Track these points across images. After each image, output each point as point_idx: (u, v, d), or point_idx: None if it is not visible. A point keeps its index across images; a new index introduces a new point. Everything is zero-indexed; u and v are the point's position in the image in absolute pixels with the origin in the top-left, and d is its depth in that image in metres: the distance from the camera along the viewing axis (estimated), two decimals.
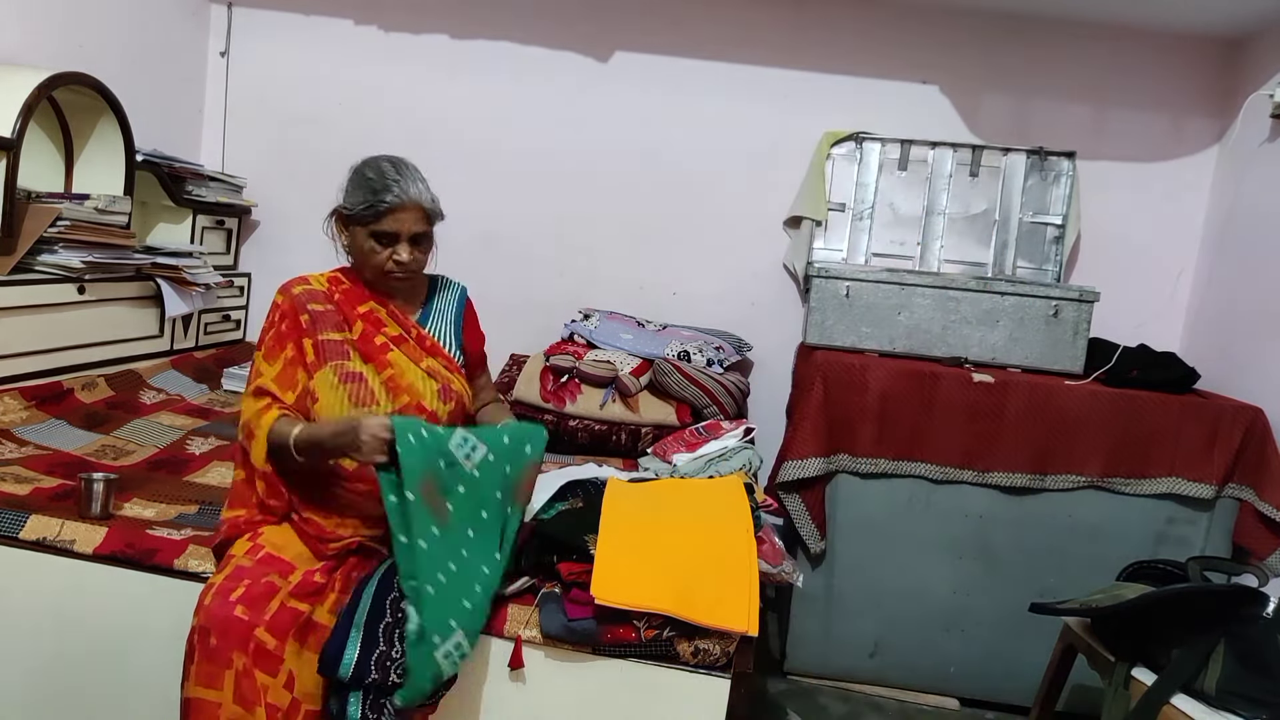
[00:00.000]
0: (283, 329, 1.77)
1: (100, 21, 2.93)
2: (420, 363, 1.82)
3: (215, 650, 1.45)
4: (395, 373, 1.77)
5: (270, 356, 1.75)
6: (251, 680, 1.45)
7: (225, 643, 1.45)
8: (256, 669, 1.46)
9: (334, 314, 1.80)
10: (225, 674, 1.45)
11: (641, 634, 1.65)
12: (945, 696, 2.74)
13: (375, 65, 3.44)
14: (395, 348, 1.80)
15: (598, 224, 3.41)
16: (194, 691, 1.46)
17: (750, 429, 2.57)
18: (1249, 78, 3.02)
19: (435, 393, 1.81)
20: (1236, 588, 1.89)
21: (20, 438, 2.23)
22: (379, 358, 1.78)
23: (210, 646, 1.46)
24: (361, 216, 1.75)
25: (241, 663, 1.45)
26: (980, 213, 3.18)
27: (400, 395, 1.76)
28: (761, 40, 3.30)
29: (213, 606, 1.49)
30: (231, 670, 1.45)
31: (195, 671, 1.46)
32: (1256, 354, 2.77)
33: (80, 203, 2.55)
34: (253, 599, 1.51)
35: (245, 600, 1.50)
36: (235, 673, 1.45)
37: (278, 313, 1.79)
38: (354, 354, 1.78)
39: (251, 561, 1.59)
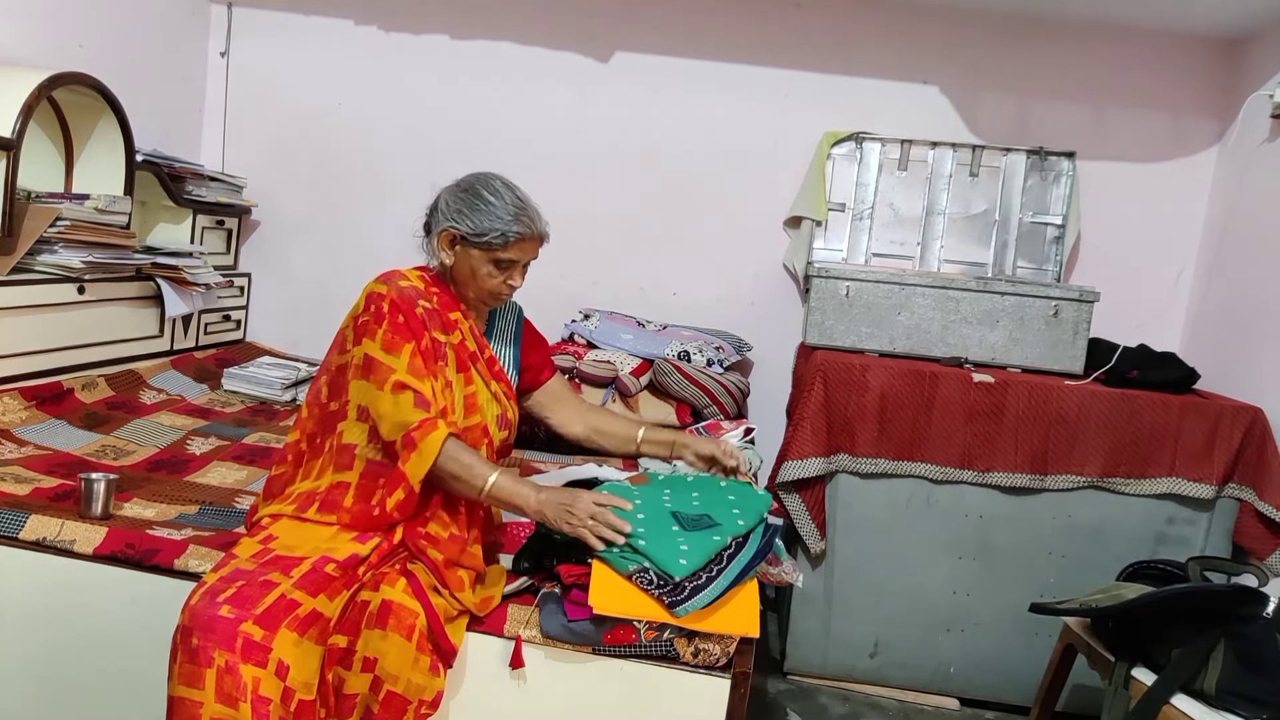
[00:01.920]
0: (399, 320, 1.68)
1: (100, 21, 2.93)
2: (489, 384, 1.81)
3: (197, 650, 1.44)
4: (475, 390, 1.76)
5: (393, 348, 1.66)
6: (235, 676, 1.44)
7: (207, 642, 1.44)
8: (243, 663, 1.44)
9: (438, 315, 1.75)
10: (206, 673, 1.43)
11: (641, 634, 1.65)
12: (945, 696, 2.74)
13: (375, 65, 3.44)
14: (472, 365, 1.78)
15: (598, 224, 3.41)
16: (177, 690, 1.45)
17: (750, 429, 2.57)
18: (1249, 78, 3.02)
19: (495, 418, 1.80)
20: (1236, 588, 1.89)
21: (20, 438, 2.23)
22: (468, 371, 1.76)
23: (192, 646, 1.44)
24: (483, 243, 1.73)
25: (224, 660, 1.43)
26: (980, 213, 3.18)
27: (473, 414, 1.75)
28: (761, 40, 3.30)
29: (198, 606, 1.47)
30: (213, 669, 1.43)
31: (177, 671, 1.45)
32: (1256, 354, 2.77)
33: (80, 203, 2.55)
34: (243, 599, 1.48)
35: (234, 600, 1.48)
36: (217, 670, 1.43)
37: (386, 303, 1.69)
38: (451, 360, 1.74)
39: (254, 565, 1.57)
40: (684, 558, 1.62)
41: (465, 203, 1.75)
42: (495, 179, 1.78)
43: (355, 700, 1.53)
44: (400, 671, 1.53)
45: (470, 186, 1.77)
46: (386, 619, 1.54)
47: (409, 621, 1.54)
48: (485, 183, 1.76)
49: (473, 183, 1.77)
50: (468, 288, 1.79)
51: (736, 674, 1.66)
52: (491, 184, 1.76)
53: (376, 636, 1.53)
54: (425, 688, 1.55)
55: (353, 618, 1.55)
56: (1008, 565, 2.65)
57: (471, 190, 1.76)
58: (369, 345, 1.68)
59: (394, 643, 1.53)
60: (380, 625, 1.53)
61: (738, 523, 1.72)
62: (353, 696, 1.53)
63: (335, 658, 1.54)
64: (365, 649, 1.53)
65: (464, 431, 1.72)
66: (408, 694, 1.53)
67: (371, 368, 1.67)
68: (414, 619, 1.55)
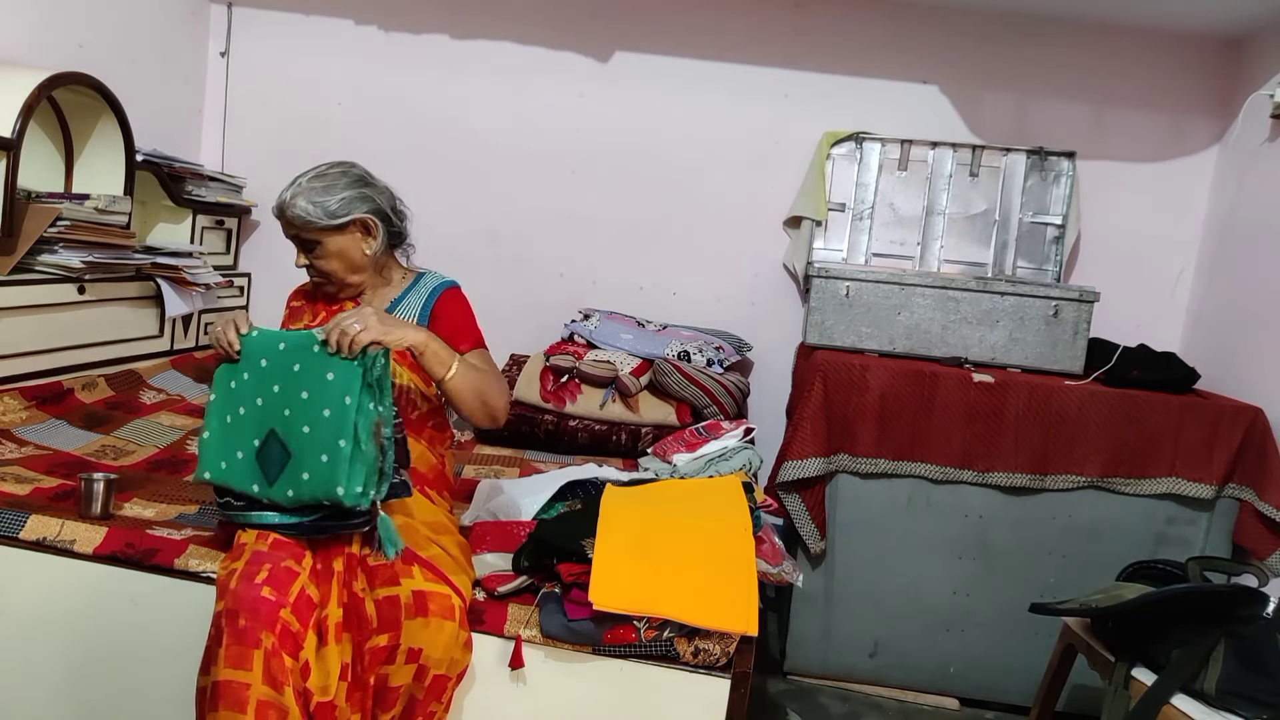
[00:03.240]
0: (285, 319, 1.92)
1: (100, 21, 2.93)
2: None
3: (245, 631, 1.46)
4: None
5: None
6: (280, 661, 1.47)
7: (254, 623, 1.47)
8: (283, 650, 1.47)
9: (303, 309, 1.93)
10: (254, 654, 1.46)
11: (641, 634, 1.65)
12: (945, 696, 2.74)
13: (375, 65, 3.44)
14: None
15: (598, 224, 3.41)
16: (223, 674, 1.46)
17: (750, 429, 2.57)
18: (1249, 78, 3.02)
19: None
20: (1236, 588, 1.89)
21: (20, 438, 2.23)
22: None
23: (239, 628, 1.47)
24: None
25: (270, 642, 1.47)
26: (980, 213, 3.18)
27: None
28: (761, 40, 3.30)
29: (239, 589, 1.50)
30: (261, 650, 1.46)
31: (224, 654, 1.47)
32: (1256, 354, 2.77)
33: (80, 203, 2.55)
34: (277, 581, 1.53)
35: (270, 582, 1.52)
36: (265, 652, 1.46)
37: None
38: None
39: (266, 547, 1.60)
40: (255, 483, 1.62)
41: None
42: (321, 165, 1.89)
43: (399, 691, 1.56)
44: (445, 654, 1.57)
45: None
46: (425, 607, 1.57)
47: (447, 604, 1.58)
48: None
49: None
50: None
51: (736, 674, 1.66)
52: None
53: (419, 626, 1.56)
54: (460, 661, 1.61)
55: (388, 615, 1.57)
56: (1008, 565, 2.65)
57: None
58: None
59: (436, 628, 1.56)
60: (420, 614, 1.56)
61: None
62: (397, 689, 1.56)
63: (380, 657, 1.56)
64: (409, 641, 1.55)
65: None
66: (449, 672, 1.59)
67: None
68: (449, 600, 1.59)
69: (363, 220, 1.83)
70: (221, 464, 1.65)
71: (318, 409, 1.57)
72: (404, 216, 1.94)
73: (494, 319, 2.29)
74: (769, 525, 2.16)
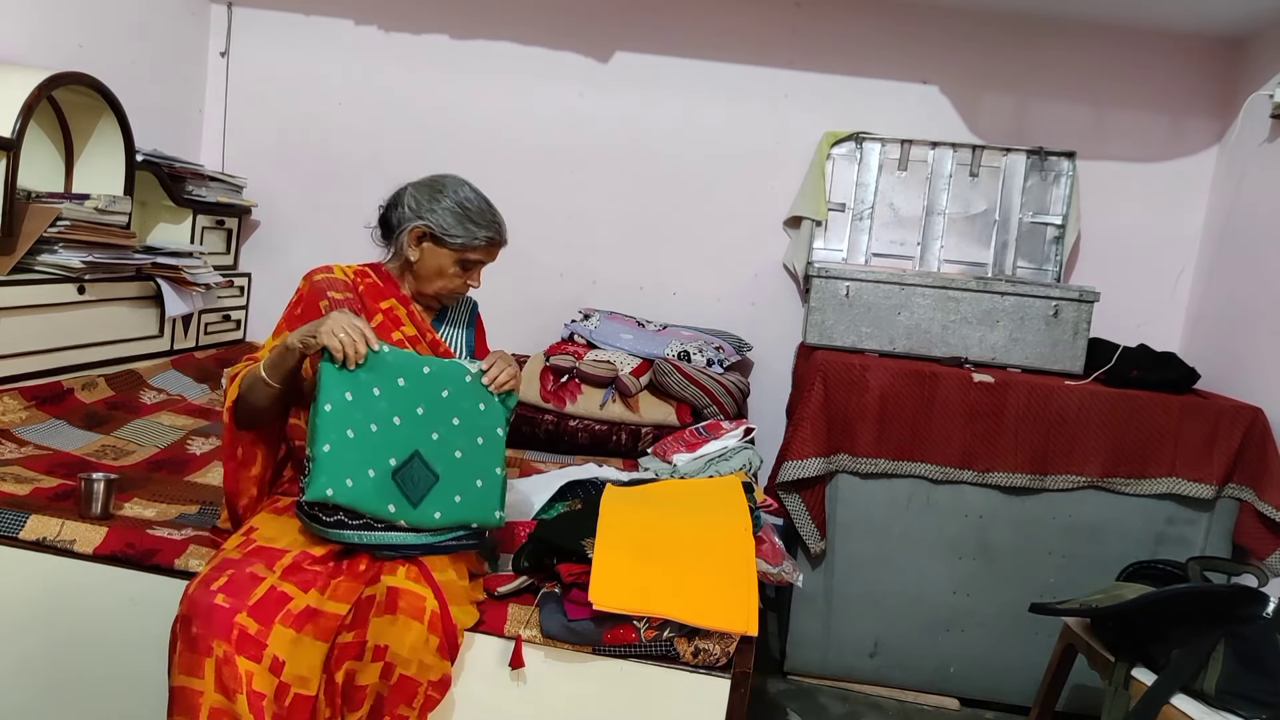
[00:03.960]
0: (297, 313, 1.80)
1: (100, 21, 2.93)
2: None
3: (196, 638, 1.46)
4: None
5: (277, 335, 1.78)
6: (233, 668, 1.46)
7: (206, 631, 1.46)
8: (238, 655, 1.46)
9: (353, 303, 1.82)
10: (206, 662, 1.45)
11: (641, 634, 1.65)
12: (945, 696, 2.74)
13: (375, 65, 3.44)
14: (411, 346, 1.83)
15: (598, 224, 3.41)
16: (178, 680, 1.47)
17: (750, 429, 2.57)
18: (1249, 78, 3.02)
19: None
20: (1236, 588, 1.90)
21: (20, 438, 2.23)
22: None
23: (191, 635, 1.47)
24: (456, 244, 1.82)
25: (222, 650, 1.46)
26: (980, 213, 3.18)
27: None
28: (761, 40, 3.30)
29: (195, 595, 1.50)
30: (212, 658, 1.45)
31: (178, 660, 1.48)
32: (1256, 354, 2.77)
33: (80, 203, 2.55)
34: (236, 587, 1.51)
35: (227, 589, 1.50)
36: (216, 660, 1.45)
37: (297, 296, 1.83)
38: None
39: (240, 554, 1.59)
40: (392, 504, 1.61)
41: (439, 203, 1.83)
42: (465, 183, 1.88)
43: (366, 690, 1.55)
44: (413, 654, 1.55)
45: (443, 187, 1.85)
46: (395, 604, 1.56)
47: (418, 604, 1.57)
48: (457, 186, 1.86)
49: (445, 184, 1.86)
50: (429, 284, 1.87)
51: (736, 674, 1.66)
52: (463, 188, 1.86)
53: (385, 623, 1.55)
54: (434, 668, 1.57)
55: (360, 613, 1.57)
56: (1008, 565, 2.65)
57: (444, 191, 1.84)
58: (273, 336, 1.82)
59: (403, 625, 1.55)
60: (389, 611, 1.56)
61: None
62: (364, 688, 1.55)
63: (349, 654, 1.55)
64: (376, 638, 1.55)
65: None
66: (419, 676, 1.56)
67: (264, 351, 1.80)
68: (422, 602, 1.58)
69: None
70: (347, 481, 1.56)
71: (471, 436, 1.69)
72: None
73: (494, 319, 2.29)
74: (769, 525, 2.16)
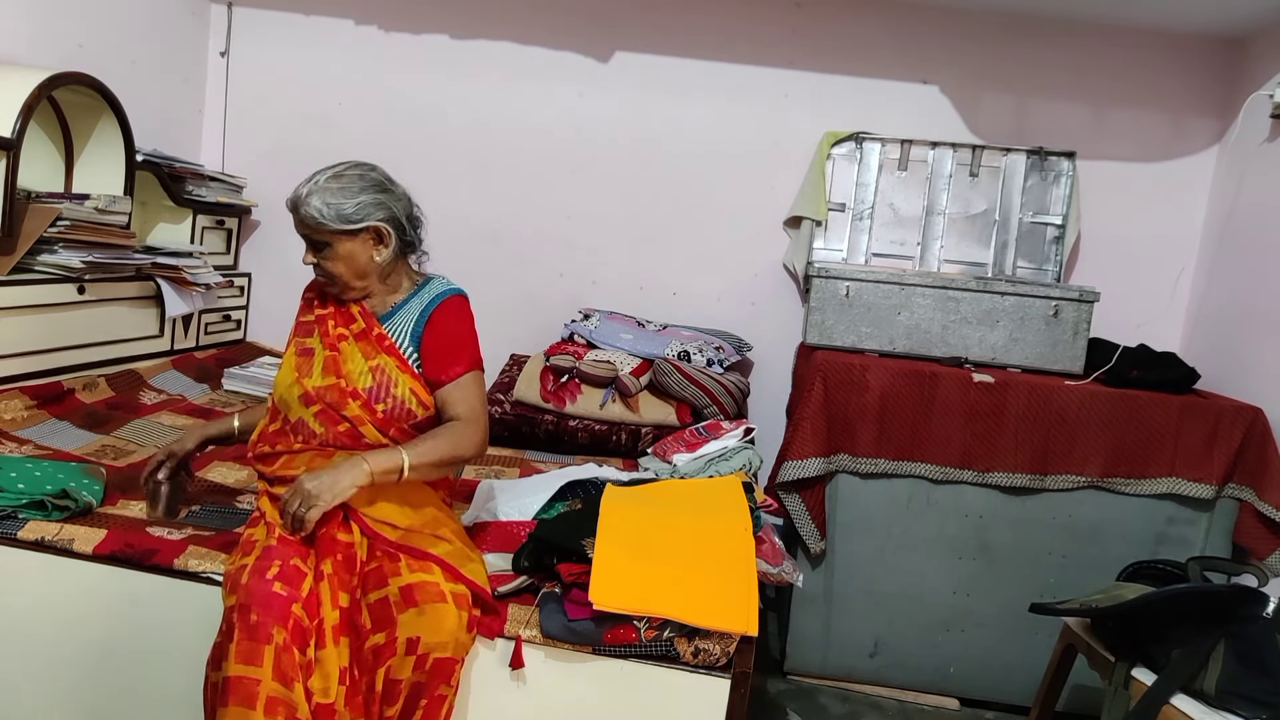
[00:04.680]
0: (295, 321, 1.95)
1: (100, 21, 2.93)
2: (370, 359, 1.81)
3: (256, 626, 1.47)
4: (338, 357, 1.81)
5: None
6: (291, 656, 1.47)
7: (266, 618, 1.47)
8: (294, 645, 1.48)
9: (314, 302, 1.93)
10: (265, 649, 1.46)
11: (641, 634, 1.65)
12: (945, 696, 2.74)
13: (375, 65, 3.44)
14: (354, 340, 1.84)
15: (598, 224, 3.41)
16: (233, 669, 1.47)
17: (750, 429, 2.57)
18: (1249, 78, 3.02)
19: (370, 389, 1.78)
20: (1236, 588, 1.89)
21: (20, 437, 2.23)
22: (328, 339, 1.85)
23: (251, 623, 1.47)
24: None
25: (282, 637, 1.47)
26: (980, 213, 3.18)
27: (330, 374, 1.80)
28: (761, 40, 3.30)
29: (251, 584, 1.52)
30: (272, 646, 1.47)
31: (235, 649, 1.48)
32: (1256, 354, 2.77)
33: (80, 203, 2.55)
34: (288, 576, 1.55)
35: (281, 578, 1.53)
36: (275, 648, 1.47)
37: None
38: (316, 333, 1.87)
39: (275, 542, 1.62)
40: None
41: None
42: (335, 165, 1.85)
43: (402, 684, 1.56)
44: (450, 637, 1.57)
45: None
46: (414, 598, 1.58)
47: (436, 590, 1.59)
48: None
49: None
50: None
51: (736, 674, 1.66)
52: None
53: (413, 616, 1.57)
54: (465, 644, 1.61)
55: (381, 615, 1.58)
56: (1008, 565, 2.65)
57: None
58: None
59: (433, 612, 1.57)
60: (411, 605, 1.57)
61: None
62: (399, 681, 1.56)
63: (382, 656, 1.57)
64: (407, 633, 1.56)
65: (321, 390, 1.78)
66: (456, 654, 1.58)
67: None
68: (438, 586, 1.60)
69: (376, 228, 1.79)
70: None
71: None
72: (419, 224, 1.89)
73: (494, 319, 2.29)
74: (769, 525, 2.16)
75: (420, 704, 1.56)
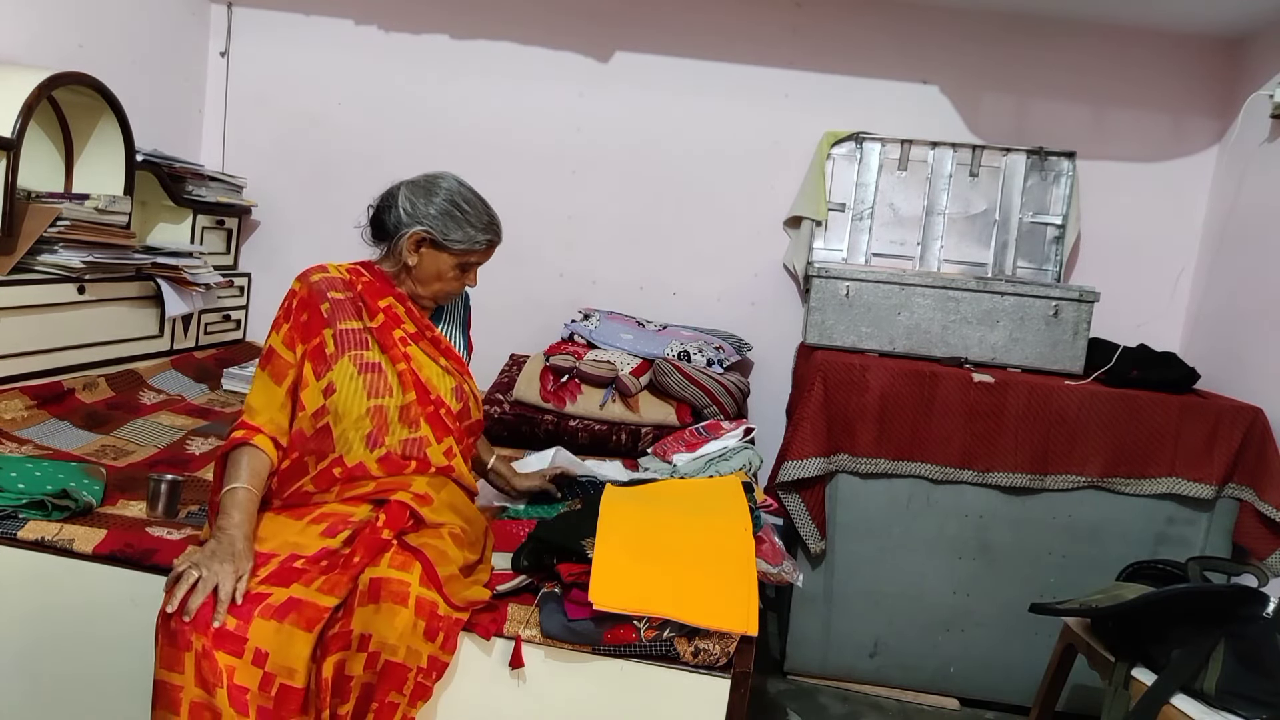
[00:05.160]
0: (303, 319, 1.78)
1: (100, 21, 2.93)
2: (438, 360, 1.87)
3: (175, 634, 1.47)
4: (414, 366, 1.82)
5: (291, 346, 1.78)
6: (212, 662, 1.45)
7: (184, 625, 1.46)
8: (217, 650, 1.46)
9: (353, 302, 1.82)
10: (185, 656, 1.45)
11: (641, 634, 1.65)
12: (945, 696, 2.74)
13: (375, 65, 3.44)
14: (414, 343, 1.85)
15: (598, 224, 3.42)
16: (159, 674, 1.48)
17: (750, 429, 2.57)
18: (1249, 78, 3.02)
19: (451, 390, 1.85)
20: (1236, 588, 1.89)
21: (20, 437, 2.23)
22: (395, 350, 1.81)
23: (170, 630, 1.47)
24: (457, 249, 1.83)
25: (201, 644, 1.45)
26: (980, 213, 3.18)
27: (409, 390, 1.79)
28: (761, 40, 3.30)
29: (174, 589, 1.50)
30: (191, 653, 1.45)
31: (159, 655, 1.48)
32: (1256, 354, 2.77)
33: (80, 203, 2.55)
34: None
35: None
36: (195, 654, 1.45)
37: (295, 301, 1.80)
38: (373, 343, 1.80)
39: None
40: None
41: (438, 208, 1.83)
42: (460, 183, 1.87)
43: (353, 681, 1.54)
44: (400, 641, 1.54)
45: (439, 189, 1.84)
46: (379, 593, 1.56)
47: (401, 590, 1.56)
48: (454, 189, 1.85)
49: (440, 185, 1.85)
50: (427, 286, 1.88)
51: (736, 674, 1.66)
52: (461, 191, 1.86)
53: (370, 612, 1.55)
54: (421, 653, 1.56)
55: (347, 604, 1.57)
56: (1008, 565, 2.65)
57: (440, 194, 1.84)
58: (273, 338, 1.80)
59: (388, 612, 1.54)
60: (373, 600, 1.55)
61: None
62: (351, 678, 1.54)
63: (337, 644, 1.55)
64: (361, 627, 1.54)
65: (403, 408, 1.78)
66: (407, 661, 1.54)
67: (269, 359, 1.78)
68: (406, 587, 1.56)
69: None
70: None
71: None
72: None
73: (494, 319, 2.29)
74: (769, 525, 2.16)
75: (371, 707, 1.53)
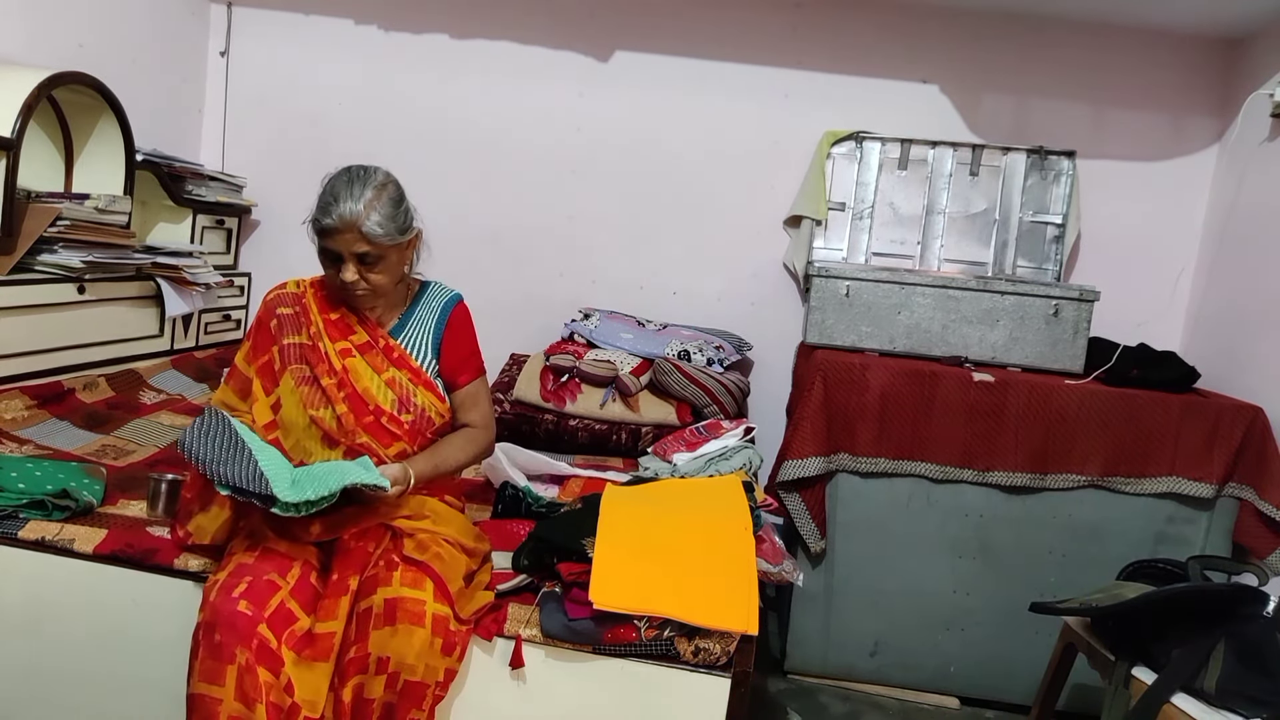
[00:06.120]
0: (258, 338, 1.83)
1: (100, 21, 2.93)
2: (382, 372, 1.80)
3: (219, 646, 1.46)
4: (351, 377, 1.77)
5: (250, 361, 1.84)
6: (254, 677, 1.46)
7: (229, 638, 1.46)
8: (259, 665, 1.46)
9: (298, 317, 1.83)
10: (228, 669, 1.45)
11: (642, 634, 1.65)
12: (945, 696, 2.74)
13: (375, 65, 3.44)
14: (359, 355, 1.80)
15: (598, 223, 3.42)
16: (197, 687, 1.47)
17: (750, 428, 2.57)
18: (1249, 78, 3.02)
19: (393, 402, 1.79)
20: (1236, 587, 1.90)
21: (21, 437, 2.23)
22: (324, 363, 1.77)
23: (214, 642, 1.47)
24: (317, 236, 1.75)
25: (244, 658, 1.46)
26: (980, 212, 3.18)
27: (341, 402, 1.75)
28: (761, 40, 3.30)
29: (217, 602, 1.50)
30: (234, 666, 1.46)
31: (199, 667, 1.48)
32: (1257, 353, 2.77)
33: (80, 202, 2.55)
34: (255, 595, 1.52)
35: (248, 595, 1.51)
36: (238, 668, 1.46)
37: (255, 319, 1.86)
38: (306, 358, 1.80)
39: (252, 558, 1.60)
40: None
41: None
42: (344, 170, 1.75)
43: (374, 704, 1.54)
44: (419, 660, 1.55)
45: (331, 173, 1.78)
46: (394, 615, 1.56)
47: (417, 610, 1.57)
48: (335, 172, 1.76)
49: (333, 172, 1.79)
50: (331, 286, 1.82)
51: (736, 673, 1.66)
52: (335, 175, 1.76)
53: (386, 635, 1.55)
54: (439, 669, 1.58)
55: (361, 626, 1.57)
56: (1008, 565, 2.65)
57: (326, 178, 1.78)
58: (238, 356, 1.86)
59: (405, 634, 1.55)
60: (389, 623, 1.56)
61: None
62: (371, 701, 1.54)
63: (355, 669, 1.55)
64: (378, 650, 1.54)
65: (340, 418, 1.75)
66: (426, 679, 1.56)
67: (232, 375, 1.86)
68: (421, 606, 1.57)
69: (418, 233, 1.83)
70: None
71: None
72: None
73: (494, 319, 2.29)
74: (769, 524, 2.16)
75: None
